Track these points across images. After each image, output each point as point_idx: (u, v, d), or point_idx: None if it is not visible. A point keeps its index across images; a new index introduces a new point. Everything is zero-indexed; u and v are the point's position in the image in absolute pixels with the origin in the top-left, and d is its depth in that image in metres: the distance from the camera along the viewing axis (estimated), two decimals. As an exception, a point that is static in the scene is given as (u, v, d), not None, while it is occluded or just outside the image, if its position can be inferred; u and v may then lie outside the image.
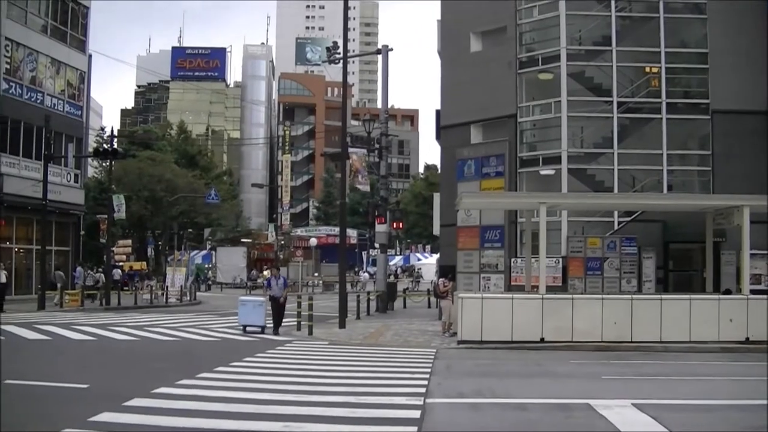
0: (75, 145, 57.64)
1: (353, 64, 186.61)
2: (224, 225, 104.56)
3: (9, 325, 31.10)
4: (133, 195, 73.81)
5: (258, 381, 16.70)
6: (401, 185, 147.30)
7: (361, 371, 19.09)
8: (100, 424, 11.76)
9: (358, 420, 12.59)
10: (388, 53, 47.06)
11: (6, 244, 51.62)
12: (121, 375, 18.13)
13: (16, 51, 51.67)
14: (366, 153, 50.07)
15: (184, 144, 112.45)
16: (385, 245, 48.44)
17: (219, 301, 58.11)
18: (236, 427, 11.80)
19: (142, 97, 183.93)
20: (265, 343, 26.08)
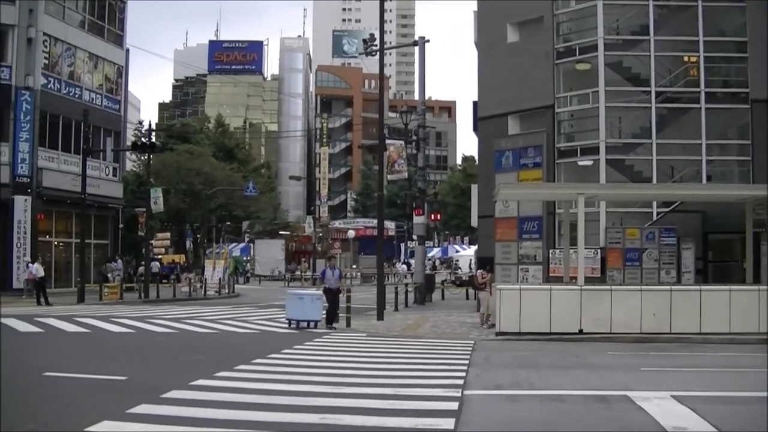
0: (113, 139, 58.06)
1: (390, 56, 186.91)
2: (262, 217, 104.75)
3: (49, 317, 31.36)
4: (171, 188, 74.07)
5: (295, 373, 16.72)
6: (439, 177, 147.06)
7: (398, 363, 19.07)
8: (138, 416, 11.79)
9: (395, 412, 12.56)
10: (425, 45, 46.96)
11: (46, 238, 52.08)
12: (159, 367, 18.21)
13: (54, 46, 52.05)
14: (403, 145, 50.00)
15: (222, 137, 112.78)
16: (423, 237, 48.40)
17: (257, 294, 58.29)
18: (273, 418, 11.81)
19: (180, 91, 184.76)
20: (303, 336, 26.10)
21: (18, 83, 49.39)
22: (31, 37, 49.78)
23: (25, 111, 49.17)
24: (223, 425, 11.32)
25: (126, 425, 11.18)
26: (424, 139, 46.95)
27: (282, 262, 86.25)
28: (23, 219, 48.83)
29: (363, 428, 11.29)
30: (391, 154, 48.82)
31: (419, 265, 47.68)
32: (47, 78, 51.49)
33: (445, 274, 77.22)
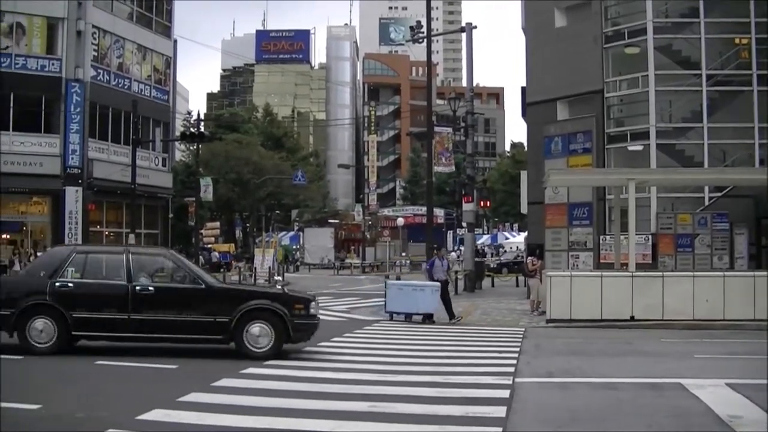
0: (162, 130, 58.43)
1: (437, 43, 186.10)
2: (311, 206, 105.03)
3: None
4: (220, 177, 74.48)
5: (345, 361, 16.72)
6: (487, 164, 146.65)
7: (449, 350, 19.01)
8: (189, 404, 11.81)
9: (445, 399, 12.50)
10: (472, 31, 46.74)
11: (97, 228, 52.54)
12: (210, 355, 18.22)
13: (103, 38, 52.46)
14: (451, 132, 49.83)
15: (270, 126, 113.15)
16: (473, 224, 48.25)
17: (307, 282, 58.31)
18: (322, 406, 11.78)
19: (228, 81, 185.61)
20: (352, 324, 26.12)
21: (68, 75, 49.86)
22: (80, 30, 50.20)
23: (75, 103, 49.59)
24: (273, 413, 11.31)
25: (177, 413, 11.19)
26: (472, 125, 46.77)
27: (331, 251, 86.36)
28: (74, 209, 49.27)
29: (413, 416, 11.22)
30: (435, 146, 48.73)
31: (469, 253, 47.53)
32: (96, 70, 51.88)
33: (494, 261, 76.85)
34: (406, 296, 27.10)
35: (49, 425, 10.81)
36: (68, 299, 16.74)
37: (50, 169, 49.29)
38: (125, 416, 10.91)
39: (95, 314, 16.91)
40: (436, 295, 26.77)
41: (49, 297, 16.70)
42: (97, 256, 18.44)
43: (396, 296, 27.39)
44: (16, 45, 49.34)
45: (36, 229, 52.12)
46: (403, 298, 27.13)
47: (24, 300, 16.74)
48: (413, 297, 26.82)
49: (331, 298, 39.57)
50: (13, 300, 16.78)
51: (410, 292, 27.11)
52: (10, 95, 48.73)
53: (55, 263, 17.47)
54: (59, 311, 16.66)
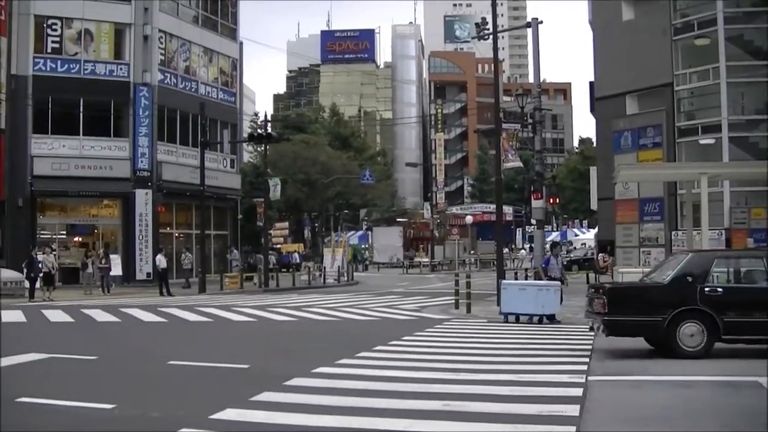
0: (230, 131, 58.89)
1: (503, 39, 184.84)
2: (379, 205, 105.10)
3: (171, 307, 31.88)
4: (288, 178, 74.73)
5: (417, 360, 16.62)
6: (556, 160, 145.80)
7: (520, 349, 18.86)
8: (261, 404, 11.82)
9: (518, 398, 12.37)
10: (538, 26, 46.42)
11: (166, 230, 53.10)
12: (281, 355, 18.29)
13: (169, 42, 53.02)
14: (518, 129, 49.57)
15: (337, 126, 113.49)
16: (542, 221, 47.90)
17: (376, 281, 58.48)
18: (396, 405, 11.72)
19: (294, 82, 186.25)
20: (423, 322, 26.01)
21: (136, 80, 50.43)
22: (147, 35, 50.78)
23: (144, 106, 50.13)
24: (346, 412, 11.28)
25: (249, 413, 11.21)
26: (540, 122, 46.38)
27: (400, 249, 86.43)
28: (144, 212, 49.83)
29: (487, 415, 11.13)
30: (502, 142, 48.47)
31: (538, 250, 47.23)
32: (164, 73, 52.41)
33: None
34: (527, 297, 25.80)
35: (124, 425, 10.89)
36: (718, 304, 16.75)
37: (120, 172, 49.84)
38: (198, 416, 10.97)
39: (744, 318, 16.91)
40: (558, 294, 26.15)
41: (700, 303, 16.76)
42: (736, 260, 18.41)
43: (516, 297, 26.15)
44: (85, 51, 50.03)
45: (107, 231, 52.73)
46: (525, 299, 25.82)
47: (674, 306, 16.81)
48: (536, 297, 25.70)
49: (400, 297, 39.55)
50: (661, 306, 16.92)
51: (534, 292, 26.00)
52: (79, 100, 49.45)
53: (701, 269, 17.40)
54: (710, 316, 16.71)
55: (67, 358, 16.94)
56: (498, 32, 37.15)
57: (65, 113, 49.52)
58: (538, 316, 25.46)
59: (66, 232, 52.25)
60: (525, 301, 25.67)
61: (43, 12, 49.09)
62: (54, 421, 11.10)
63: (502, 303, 26.43)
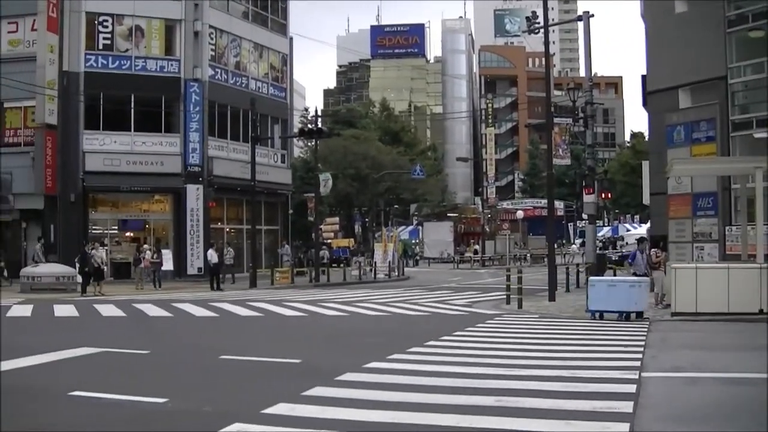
0: (280, 127, 58.98)
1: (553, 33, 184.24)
2: (430, 200, 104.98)
3: (223, 302, 32.06)
4: (338, 173, 74.83)
5: (468, 355, 16.56)
6: (607, 154, 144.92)
7: (572, 344, 18.74)
8: (313, 399, 11.83)
9: (571, 394, 12.27)
10: (590, 20, 46.11)
11: (217, 225, 53.38)
12: (332, 350, 18.30)
13: (220, 38, 53.25)
14: (569, 124, 49.28)
15: (387, 121, 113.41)
16: (594, 216, 47.63)
17: (427, 276, 58.46)
18: (448, 401, 11.67)
19: (344, 77, 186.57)
20: (474, 318, 25.94)
21: (186, 76, 50.67)
22: (197, 31, 50.99)
23: (194, 102, 50.36)
24: (397, 407, 11.23)
25: (301, 407, 11.21)
26: (592, 116, 46.06)
27: (451, 244, 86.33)
28: (195, 207, 50.07)
29: (539, 411, 11.05)
30: (554, 137, 48.21)
31: (590, 245, 46.95)
32: (214, 69, 52.63)
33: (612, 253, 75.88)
34: (618, 293, 24.90)
35: (176, 419, 10.95)
36: None
37: (171, 167, 50.13)
38: (250, 410, 10.99)
39: None
40: (645, 290, 25.49)
41: None
42: None
43: (605, 294, 25.19)
44: (136, 47, 50.31)
45: (158, 226, 53.04)
46: (615, 296, 24.89)
47: None
48: (628, 294, 24.85)
49: (451, 292, 39.50)
50: None
51: (625, 288, 25.07)
52: (130, 97, 49.76)
53: None
54: None
55: (119, 353, 17.05)
56: (549, 26, 36.96)
57: (116, 109, 49.85)
58: (627, 313, 24.62)
59: (117, 227, 52.60)
60: (616, 298, 24.78)
61: (95, 9, 49.42)
62: (107, 414, 11.17)
63: (590, 300, 25.57)
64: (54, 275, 40.41)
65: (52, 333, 22.08)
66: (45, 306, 30.07)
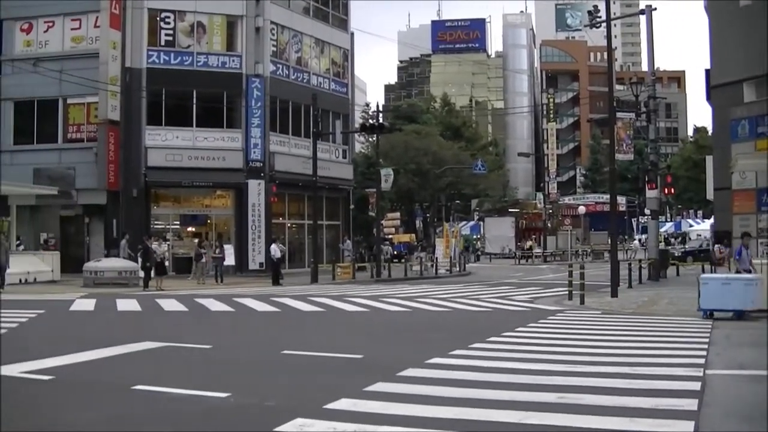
0: (342, 122, 59.00)
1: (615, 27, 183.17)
2: (491, 195, 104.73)
3: (285, 297, 32.14)
4: (400, 168, 74.85)
5: (530, 351, 16.47)
6: (670, 149, 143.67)
7: (635, 341, 18.57)
8: (375, 394, 11.82)
9: (634, 391, 12.16)
10: (652, 13, 45.72)
11: (279, 220, 53.57)
12: (393, 345, 18.29)
13: (281, 34, 53.45)
14: (632, 119, 48.94)
15: (449, 116, 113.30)
16: (656, 211, 47.31)
17: (488, 272, 58.28)
18: (510, 397, 11.62)
19: (405, 72, 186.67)
20: (536, 314, 25.81)
21: (248, 71, 50.90)
22: (258, 26, 51.22)
23: (256, 98, 50.59)
24: (459, 403, 11.20)
25: (363, 403, 11.22)
26: (654, 111, 45.78)
27: (512, 240, 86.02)
28: (257, 202, 50.33)
29: (602, 408, 10.96)
30: (618, 131, 47.87)
31: (653, 241, 46.60)
32: (276, 65, 52.83)
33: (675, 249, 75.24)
34: (733, 292, 23.91)
35: (239, 413, 10.99)
36: None
37: (233, 163, 50.39)
38: (313, 405, 11.00)
39: None
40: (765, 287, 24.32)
41: None
42: None
43: (719, 292, 24.21)
44: (198, 43, 50.65)
45: (220, 222, 53.35)
46: (730, 294, 23.91)
47: None
48: (743, 292, 23.87)
49: (513, 288, 39.33)
50: None
51: (741, 287, 24.09)
52: (192, 92, 50.10)
53: None
54: None
55: (181, 347, 17.16)
56: (611, 20, 36.68)
57: (178, 105, 50.22)
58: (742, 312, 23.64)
59: (179, 222, 52.96)
60: (731, 297, 23.84)
61: (157, 5, 49.84)
62: (169, 408, 11.24)
63: (702, 299, 24.50)
64: (116, 270, 40.82)
65: (115, 327, 22.28)
66: (108, 300, 30.35)
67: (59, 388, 12.57)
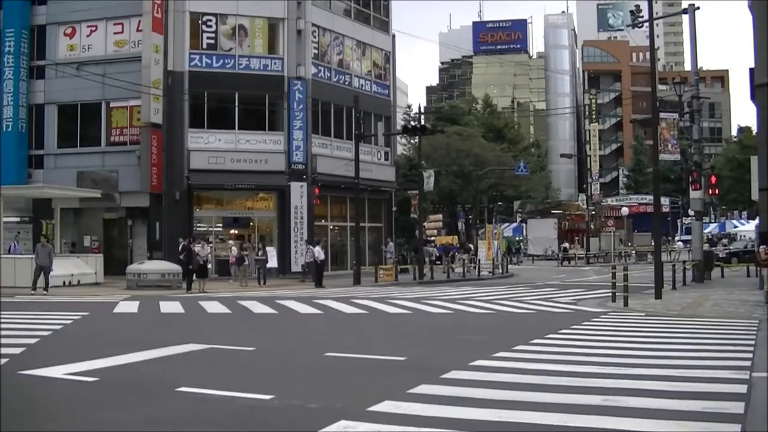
0: (384, 124, 59.01)
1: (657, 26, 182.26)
2: (534, 197, 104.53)
3: (327, 299, 32.20)
4: (442, 170, 74.76)
5: (574, 353, 16.40)
6: (713, 150, 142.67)
7: (679, 343, 18.43)
8: (419, 396, 11.79)
9: (679, 394, 12.06)
10: (695, 12, 45.40)
11: (321, 222, 53.64)
12: (436, 348, 18.25)
13: (322, 36, 53.61)
14: (675, 119, 48.63)
15: (490, 117, 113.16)
16: (700, 212, 46.96)
17: (531, 273, 58.12)
18: (554, 399, 11.56)
19: (446, 74, 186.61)
20: (579, 315, 25.70)
21: (290, 74, 51.08)
22: (300, 29, 51.41)
23: (298, 100, 50.75)
24: (503, 406, 11.15)
25: (407, 405, 11.18)
26: (698, 110, 45.46)
27: (555, 242, 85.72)
28: (300, 204, 50.48)
29: (648, 410, 10.87)
30: (662, 132, 47.52)
31: (697, 242, 46.27)
32: (317, 67, 52.99)
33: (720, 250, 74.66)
34: None
35: (283, 415, 11.00)
36: None
37: (275, 165, 50.56)
38: (357, 407, 10.99)
39: None
40: None
41: None
42: None
43: None
44: (239, 46, 50.89)
45: (262, 224, 53.49)
46: None
47: None
48: None
49: (556, 290, 39.21)
50: None
51: None
52: (234, 95, 50.39)
53: None
54: None
55: (225, 349, 17.21)
56: (654, 19, 36.48)
57: (220, 108, 50.51)
58: None
59: (222, 224, 53.19)
60: None
61: (199, 9, 50.14)
62: (213, 410, 11.27)
63: None
64: (159, 272, 41.11)
65: (158, 329, 22.38)
66: (151, 302, 30.56)
67: (103, 390, 12.63)
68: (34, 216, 49.68)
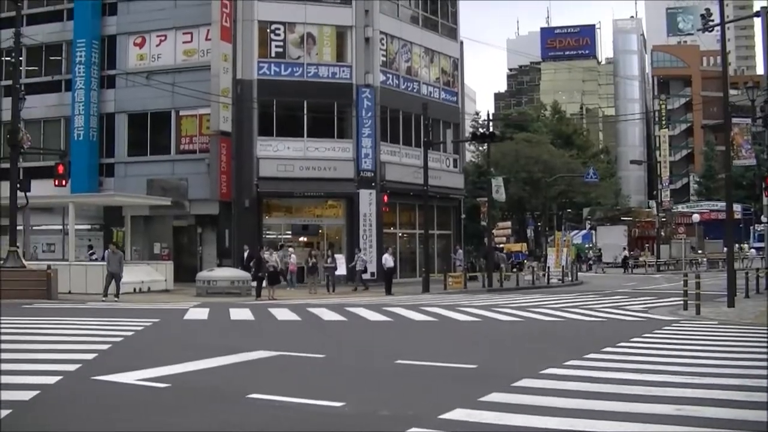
0: (452, 131, 58.99)
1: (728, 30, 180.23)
2: (603, 203, 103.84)
3: (396, 307, 32.20)
4: (510, 177, 74.62)
5: (646, 362, 16.21)
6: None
7: (753, 352, 18.18)
8: (490, 404, 11.73)
9: (754, 404, 11.88)
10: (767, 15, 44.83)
11: (390, 230, 53.67)
12: (507, 355, 18.19)
13: (390, 44, 53.74)
14: (748, 124, 48.04)
15: (559, 124, 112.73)
16: (774, 219, 46.34)
17: (601, 281, 57.74)
18: (625, 408, 11.44)
19: (514, 80, 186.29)
20: (651, 324, 25.45)
21: (358, 81, 51.23)
22: (368, 37, 51.54)
23: (366, 108, 50.86)
24: (574, 414, 11.07)
25: (478, 413, 11.13)
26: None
27: (625, 249, 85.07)
28: (368, 212, 50.57)
29: (722, 421, 10.74)
30: (734, 137, 47.02)
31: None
32: (385, 74, 53.10)
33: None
34: None
35: (354, 422, 11.01)
36: None
37: (344, 173, 50.70)
38: (428, 415, 10.97)
39: None
40: None
41: None
42: None
43: None
44: (308, 54, 51.12)
45: (331, 231, 53.64)
46: None
47: None
48: None
49: (626, 298, 38.92)
50: None
51: None
52: (303, 103, 50.62)
53: None
54: None
55: (295, 356, 17.24)
56: (725, 23, 36.04)
57: (289, 115, 50.78)
58: None
59: (291, 231, 53.38)
60: None
61: (267, 17, 50.46)
62: (284, 417, 11.30)
63: None
64: (228, 279, 41.42)
65: (228, 336, 22.46)
66: (221, 309, 30.74)
67: (174, 396, 12.73)
68: (105, 223, 50.38)
